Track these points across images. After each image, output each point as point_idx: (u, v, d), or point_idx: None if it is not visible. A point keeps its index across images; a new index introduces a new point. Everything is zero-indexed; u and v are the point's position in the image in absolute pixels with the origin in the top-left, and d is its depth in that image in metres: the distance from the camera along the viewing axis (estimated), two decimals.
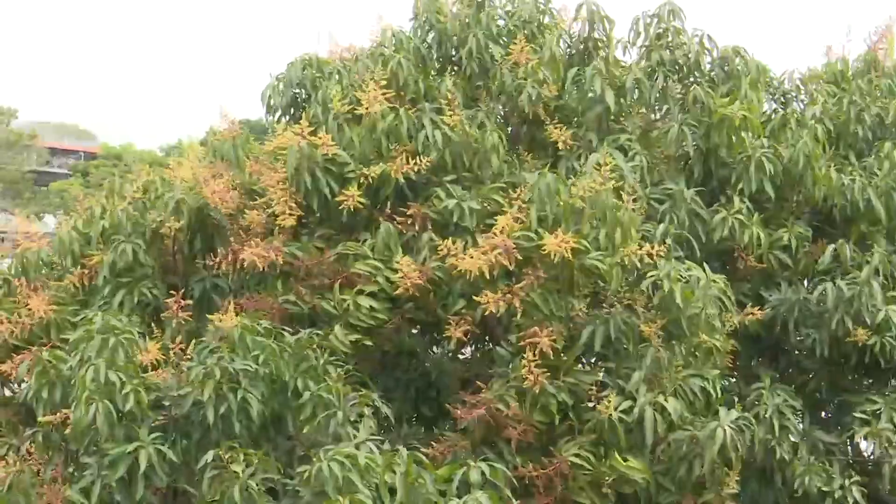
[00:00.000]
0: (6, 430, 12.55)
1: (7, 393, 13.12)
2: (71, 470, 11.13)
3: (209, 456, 10.07)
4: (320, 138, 12.52)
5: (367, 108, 12.71)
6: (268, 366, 10.59)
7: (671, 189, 13.92)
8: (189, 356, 10.93)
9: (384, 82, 12.84)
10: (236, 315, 10.97)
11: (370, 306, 12.02)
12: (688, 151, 14.29)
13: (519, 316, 11.67)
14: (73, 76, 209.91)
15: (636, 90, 14.17)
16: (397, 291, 11.96)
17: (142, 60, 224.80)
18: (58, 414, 10.85)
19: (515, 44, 13.88)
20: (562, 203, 11.82)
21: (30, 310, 12.32)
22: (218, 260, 12.38)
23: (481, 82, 14.14)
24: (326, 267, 12.33)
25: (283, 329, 11.21)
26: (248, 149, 13.65)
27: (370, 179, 12.55)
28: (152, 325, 11.92)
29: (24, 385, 12.25)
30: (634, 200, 12.30)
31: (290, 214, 12.38)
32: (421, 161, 12.48)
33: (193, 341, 11.08)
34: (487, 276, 11.54)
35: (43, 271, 13.29)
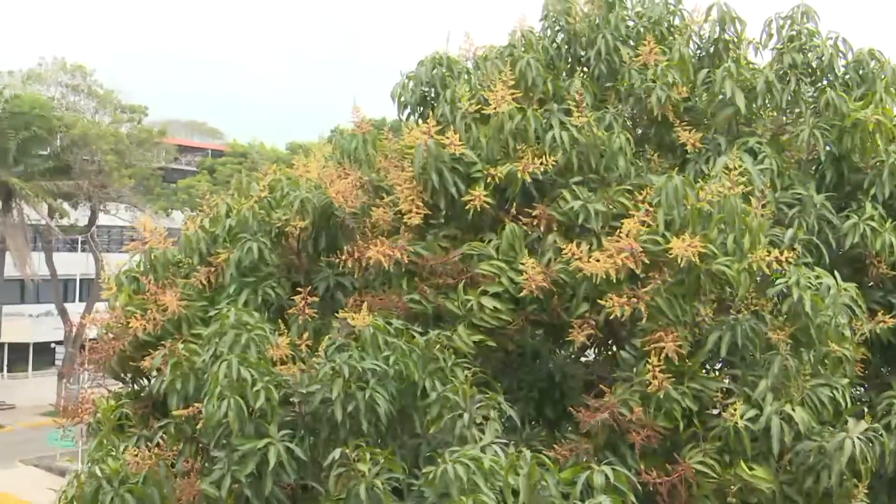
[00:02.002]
0: (136, 421, 12.82)
1: (136, 387, 13.39)
2: (203, 463, 11.32)
3: (336, 454, 10.18)
4: (448, 137, 12.56)
5: (494, 108, 12.72)
6: (397, 366, 10.66)
7: (801, 194, 13.67)
8: (318, 353, 11.05)
9: (512, 82, 12.84)
10: (368, 313, 11.06)
11: (494, 307, 12.02)
12: (819, 156, 14.02)
13: (644, 320, 11.59)
14: (203, 74, 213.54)
15: (767, 93, 13.93)
16: (521, 293, 11.94)
17: (272, 59, 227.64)
18: (190, 407, 11.05)
19: (644, 45, 13.77)
20: (689, 206, 11.71)
21: (161, 306, 12.56)
22: (343, 258, 12.49)
23: (610, 83, 14.05)
24: (451, 266, 12.37)
25: (414, 329, 11.27)
26: (378, 146, 13.74)
27: (497, 179, 12.55)
28: (279, 322, 12.08)
29: (154, 380, 12.51)
30: (763, 205, 12.12)
31: (417, 213, 12.44)
32: (547, 162, 12.44)
33: (325, 339, 11.20)
34: (613, 279, 11.48)
35: (170, 269, 13.51)
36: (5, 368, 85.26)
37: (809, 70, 14.39)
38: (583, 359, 14.41)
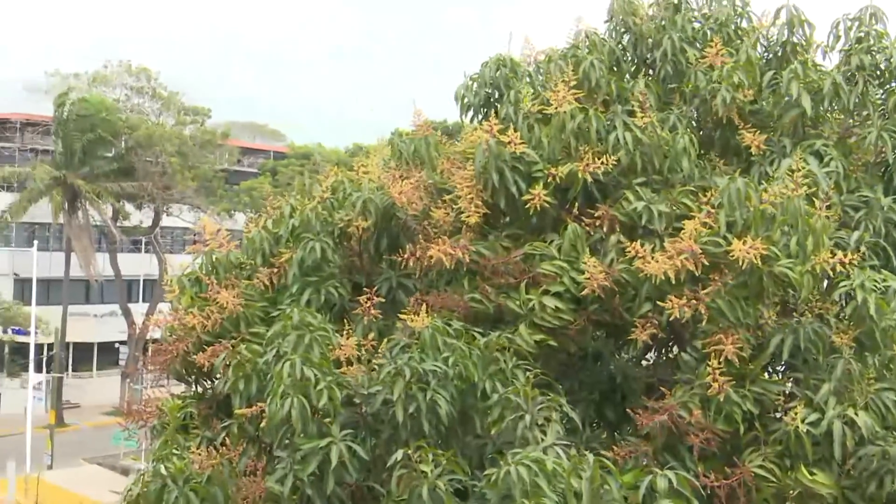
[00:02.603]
0: (200, 422, 12.93)
1: (199, 388, 13.50)
2: (265, 462, 11.40)
3: (399, 454, 10.21)
4: (509, 136, 12.56)
5: (556, 108, 12.70)
6: (457, 367, 10.68)
7: (868, 196, 13.50)
8: (380, 354, 11.10)
9: (575, 82, 12.81)
10: (427, 315, 11.09)
11: (555, 306, 12.01)
12: (887, 158, 13.86)
13: (705, 322, 11.53)
14: (265, 76, 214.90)
15: (834, 95, 13.79)
16: (583, 293, 11.91)
17: (332, 62, 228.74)
18: (253, 407, 11.13)
19: (711, 46, 13.69)
20: (752, 208, 11.63)
21: (220, 304, 12.65)
22: (406, 257, 12.53)
23: (675, 85, 13.98)
24: (513, 266, 12.37)
25: (474, 329, 11.28)
26: (440, 148, 13.78)
27: (558, 179, 12.53)
28: (341, 322, 12.14)
29: (217, 381, 12.61)
30: (828, 207, 12.01)
31: (475, 211, 12.45)
32: (609, 162, 12.41)
33: (385, 339, 11.24)
34: (674, 281, 11.43)
35: (233, 271, 13.60)
36: (70, 368, 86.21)
37: (877, 72, 14.22)
38: (644, 361, 14.35)
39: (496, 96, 14.18)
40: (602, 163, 12.36)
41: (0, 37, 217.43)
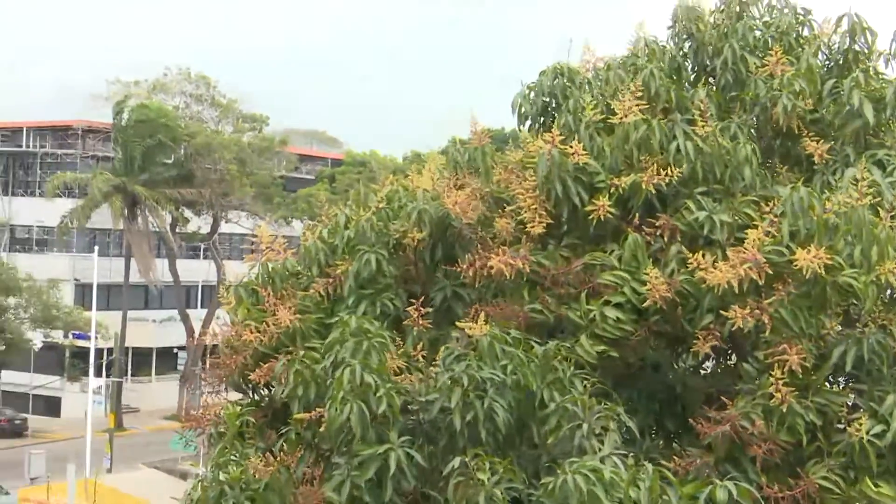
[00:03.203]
0: (257, 430, 12.98)
1: (257, 397, 13.56)
2: (322, 469, 11.43)
3: (456, 462, 10.21)
4: (571, 147, 12.52)
5: (620, 118, 12.64)
6: (515, 375, 10.66)
7: None
8: (435, 363, 11.10)
9: (639, 93, 12.76)
10: (485, 323, 11.08)
11: (616, 317, 11.94)
12: None
13: (767, 332, 11.43)
14: (323, 84, 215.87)
15: None
16: (644, 303, 11.85)
17: (389, 69, 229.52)
18: (312, 413, 11.16)
19: (771, 55, 13.58)
20: (815, 218, 11.52)
21: (277, 319, 12.68)
22: (464, 267, 12.51)
23: (735, 93, 13.88)
24: (573, 276, 12.31)
25: (531, 338, 11.25)
26: (497, 158, 13.75)
27: (620, 190, 12.48)
28: (394, 332, 12.15)
29: (274, 390, 12.65)
30: (893, 217, 11.87)
31: (539, 222, 12.42)
32: (672, 172, 12.34)
33: (442, 349, 11.24)
34: (736, 291, 11.34)
35: (289, 281, 13.62)
36: (129, 372, 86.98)
37: None
38: (702, 370, 14.25)
39: (553, 105, 14.14)
40: (666, 175, 12.29)
41: (64, 45, 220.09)
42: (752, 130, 13.76)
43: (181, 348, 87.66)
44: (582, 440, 10.47)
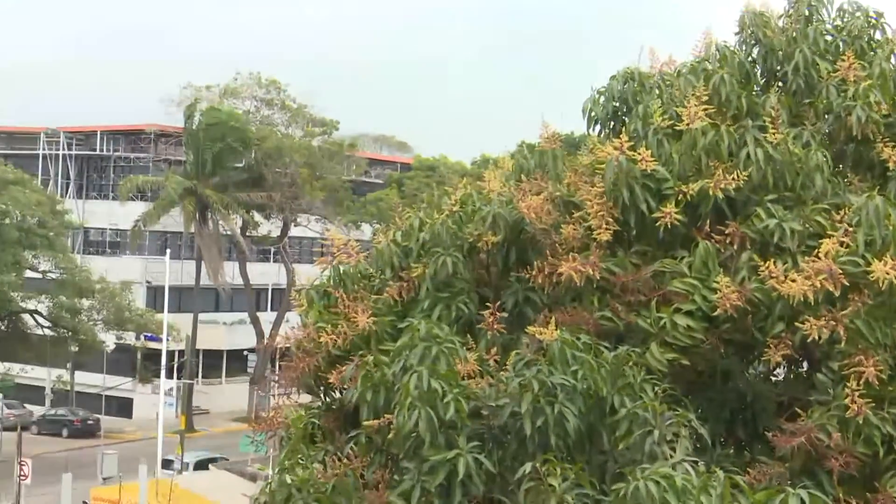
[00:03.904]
0: (326, 433, 13.06)
1: (328, 399, 13.62)
2: (391, 474, 11.49)
3: (526, 467, 10.21)
4: (639, 153, 12.49)
5: (687, 124, 12.59)
6: (585, 381, 10.65)
7: None
8: (506, 367, 11.12)
9: (706, 98, 12.70)
10: (556, 329, 11.08)
11: (687, 325, 11.88)
12: None
13: (843, 343, 11.31)
14: (393, 88, 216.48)
15: None
16: (715, 311, 11.78)
17: (457, 74, 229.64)
18: (381, 418, 11.22)
19: (843, 59, 13.44)
20: (891, 227, 11.39)
21: (351, 321, 12.73)
22: (534, 273, 12.52)
23: (807, 100, 13.74)
24: (642, 283, 12.27)
25: (602, 344, 11.24)
26: (568, 162, 13.74)
27: (688, 196, 12.42)
28: (467, 336, 12.17)
29: (345, 393, 12.72)
30: None
31: (606, 229, 12.40)
32: (741, 179, 12.26)
33: (513, 354, 11.25)
34: (809, 301, 11.25)
35: (361, 283, 13.68)
36: (200, 374, 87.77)
37: None
38: (772, 378, 14.12)
39: (624, 110, 14.11)
40: (733, 179, 12.22)
41: (134, 51, 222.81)
42: (825, 137, 13.62)
43: (251, 351, 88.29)
44: (653, 446, 10.44)
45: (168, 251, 66.15)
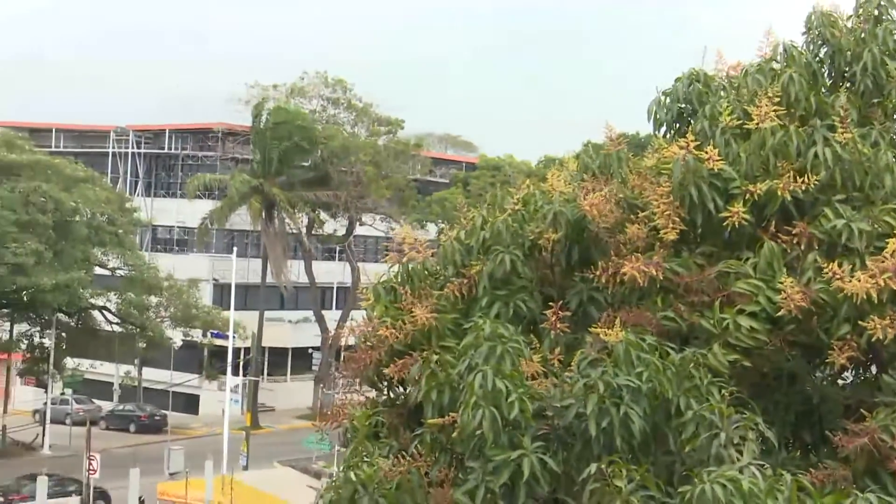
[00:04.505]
0: (391, 430, 13.14)
1: (392, 395, 13.71)
2: (456, 473, 11.53)
3: (592, 468, 10.22)
4: (706, 152, 12.44)
5: (756, 124, 12.53)
6: (651, 382, 10.64)
7: None
8: (570, 368, 11.13)
9: (777, 98, 12.62)
10: (620, 329, 11.08)
11: (750, 326, 11.82)
12: None
13: None
14: (458, 88, 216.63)
15: None
16: (779, 312, 11.71)
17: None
18: (445, 417, 11.28)
19: None
20: None
21: (413, 317, 12.82)
22: (598, 273, 12.51)
23: (876, 100, 13.62)
24: (706, 284, 12.21)
25: (668, 345, 11.21)
26: (631, 163, 13.72)
27: (755, 196, 12.36)
28: (531, 335, 12.19)
29: (409, 390, 12.80)
30: None
31: (673, 228, 12.36)
32: (809, 179, 12.18)
33: (577, 353, 11.26)
34: (875, 301, 11.16)
35: (426, 281, 13.76)
36: (266, 372, 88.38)
37: None
38: (839, 381, 14.01)
39: (689, 111, 14.06)
40: (802, 182, 12.13)
41: (205, 49, 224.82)
42: (894, 137, 13.49)
43: (316, 349, 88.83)
44: (719, 449, 10.40)
45: (235, 249, 66.67)
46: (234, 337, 65.73)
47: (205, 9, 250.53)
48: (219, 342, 75.49)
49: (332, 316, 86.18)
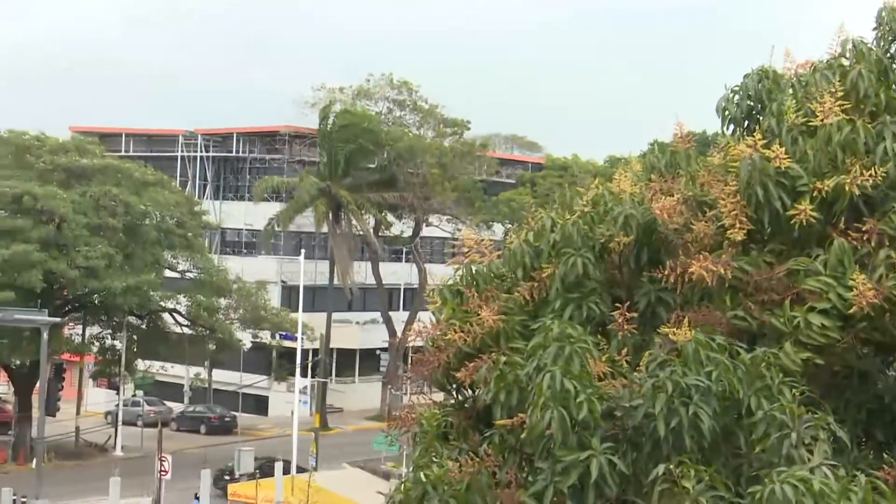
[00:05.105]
0: (459, 431, 13.16)
1: (460, 397, 13.73)
2: (525, 474, 11.54)
3: (660, 469, 10.18)
4: (773, 150, 12.34)
5: (821, 120, 12.42)
6: (720, 382, 10.58)
7: None
8: (638, 369, 11.09)
9: (841, 93, 12.50)
10: (690, 329, 11.02)
11: (821, 324, 11.72)
12: None
13: None
14: (524, 88, 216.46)
15: None
16: (851, 310, 11.60)
17: (589, 74, 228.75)
18: (514, 418, 11.29)
19: None
20: None
21: (481, 319, 12.82)
22: (666, 273, 12.46)
23: None
24: (776, 282, 12.12)
25: (737, 345, 11.14)
26: (701, 161, 13.64)
27: (823, 193, 12.24)
28: (598, 336, 12.17)
29: (478, 391, 12.81)
30: None
31: (740, 228, 12.28)
32: (877, 174, 12.04)
33: (645, 354, 11.22)
34: None
35: (493, 283, 13.76)
36: (334, 373, 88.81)
37: None
38: None
39: (758, 108, 13.95)
40: (870, 175, 12.01)
41: (270, 53, 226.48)
42: None
43: (383, 350, 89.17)
44: (790, 449, 10.31)
45: (303, 251, 67.07)
46: (302, 338, 66.09)
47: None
48: (287, 344, 75.94)
49: (399, 317, 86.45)
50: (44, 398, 57.32)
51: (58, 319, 62.11)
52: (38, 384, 61.86)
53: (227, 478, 56.20)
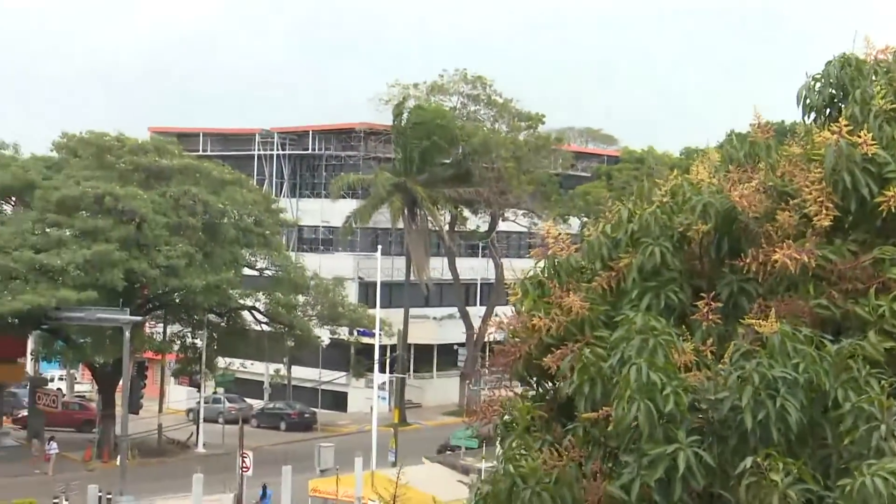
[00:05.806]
0: (542, 424, 13.11)
1: (541, 389, 13.68)
2: (610, 466, 11.47)
3: (747, 462, 10.06)
4: (860, 137, 12.15)
5: None
6: (807, 374, 10.44)
7: None
8: (723, 360, 10.97)
9: None
10: (775, 320, 10.88)
11: None
12: None
13: None
14: (596, 82, 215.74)
15: None
16: None
17: (664, 65, 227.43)
18: (599, 411, 11.22)
19: None
20: None
21: (564, 308, 12.77)
22: (748, 262, 12.31)
23: None
24: (860, 271, 11.94)
25: (824, 336, 10.99)
26: (781, 150, 13.47)
27: None
28: (682, 327, 12.05)
29: (560, 384, 12.75)
30: None
31: (826, 215, 12.10)
32: None
33: (732, 344, 11.10)
34: None
35: (574, 275, 13.70)
36: (412, 369, 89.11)
37: None
38: None
39: (840, 96, 13.74)
40: None
41: (346, 53, 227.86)
42: None
43: (461, 345, 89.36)
44: (880, 441, 10.13)
45: (379, 247, 67.31)
46: (380, 334, 66.43)
47: None
48: (365, 340, 76.32)
49: (476, 312, 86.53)
50: (127, 396, 58.19)
51: (139, 318, 63.10)
52: (121, 382, 62.70)
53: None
